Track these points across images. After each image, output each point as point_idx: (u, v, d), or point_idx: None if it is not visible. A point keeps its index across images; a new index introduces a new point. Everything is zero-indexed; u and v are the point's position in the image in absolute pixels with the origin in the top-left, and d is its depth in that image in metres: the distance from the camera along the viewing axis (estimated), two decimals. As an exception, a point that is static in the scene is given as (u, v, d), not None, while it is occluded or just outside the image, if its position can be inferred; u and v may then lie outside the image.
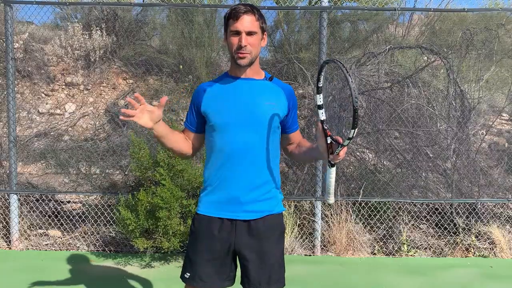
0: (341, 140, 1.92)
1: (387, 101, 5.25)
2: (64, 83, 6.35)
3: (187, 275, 2.19)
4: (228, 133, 2.09)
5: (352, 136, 1.86)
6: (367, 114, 5.23)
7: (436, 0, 13.98)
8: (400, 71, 5.49)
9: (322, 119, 1.99)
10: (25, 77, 6.24)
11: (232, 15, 2.06)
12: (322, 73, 1.97)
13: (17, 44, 6.21)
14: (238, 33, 2.05)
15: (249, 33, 2.05)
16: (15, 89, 4.91)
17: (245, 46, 2.04)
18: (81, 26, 6.49)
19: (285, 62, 5.90)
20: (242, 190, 2.11)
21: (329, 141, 1.95)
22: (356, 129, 1.84)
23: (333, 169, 1.99)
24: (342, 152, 1.92)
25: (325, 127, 1.97)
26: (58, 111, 6.14)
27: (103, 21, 6.46)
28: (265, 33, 2.16)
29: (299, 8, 5.40)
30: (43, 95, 6.28)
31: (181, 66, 5.94)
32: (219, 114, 2.10)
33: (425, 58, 5.65)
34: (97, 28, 6.36)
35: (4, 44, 4.82)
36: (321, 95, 1.98)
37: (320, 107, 1.99)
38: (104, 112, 6.03)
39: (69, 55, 6.41)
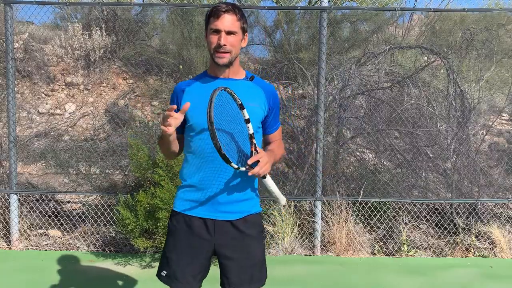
0: (249, 162, 1.94)
1: (387, 101, 5.25)
2: (64, 83, 6.35)
3: (164, 273, 2.16)
4: (206, 133, 2.02)
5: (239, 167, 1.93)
6: (367, 114, 5.23)
7: (436, 0, 13.99)
8: (400, 71, 5.49)
9: (250, 133, 2.01)
10: (25, 77, 6.24)
11: (213, 13, 2.04)
12: (233, 93, 1.97)
13: (17, 44, 6.21)
14: (218, 31, 2.03)
15: (229, 33, 2.03)
16: (15, 89, 4.91)
17: (224, 45, 2.01)
18: (81, 26, 6.49)
19: (285, 62, 5.90)
20: (221, 191, 2.08)
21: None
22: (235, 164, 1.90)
23: (266, 180, 2.02)
24: (255, 170, 1.93)
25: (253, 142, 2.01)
26: (58, 111, 6.14)
27: (103, 21, 6.46)
28: (246, 33, 2.13)
29: (299, 8, 5.39)
30: (43, 95, 6.28)
31: (181, 66, 5.94)
32: (198, 115, 2.06)
33: (425, 58, 5.65)
34: (97, 28, 6.36)
35: (4, 44, 4.82)
36: (245, 110, 1.99)
37: (247, 121, 2.01)
38: (104, 112, 6.03)
39: (69, 55, 6.41)
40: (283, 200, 2.12)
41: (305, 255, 4.82)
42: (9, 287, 3.93)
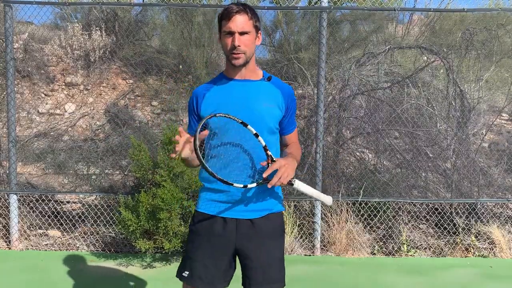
0: (264, 175, 1.96)
1: (387, 101, 5.25)
2: (64, 83, 6.35)
3: (186, 273, 2.17)
4: (227, 136, 2.08)
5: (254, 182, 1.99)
6: (367, 114, 5.23)
7: (436, 0, 13.98)
8: (399, 71, 5.49)
9: (264, 145, 2.04)
10: (25, 77, 6.23)
11: (225, 16, 2.05)
12: (228, 116, 2.01)
13: (17, 44, 6.21)
14: (231, 33, 2.05)
15: (242, 33, 2.05)
16: (15, 89, 4.91)
17: (239, 46, 2.03)
18: (81, 26, 6.48)
19: (285, 62, 5.90)
20: (243, 191, 2.11)
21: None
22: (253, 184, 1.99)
23: (295, 185, 2.03)
24: (273, 181, 1.94)
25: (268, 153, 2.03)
26: (58, 111, 6.14)
27: (103, 21, 6.46)
28: (259, 31, 2.15)
29: (298, 8, 5.40)
30: (43, 95, 6.28)
31: (180, 66, 5.94)
32: (217, 120, 2.08)
33: (425, 58, 5.65)
34: (97, 28, 6.36)
35: (4, 44, 4.82)
36: (249, 126, 2.02)
37: (256, 135, 2.03)
38: (104, 112, 6.03)
39: (69, 55, 6.41)
40: (327, 200, 2.10)
41: (305, 255, 4.83)
42: (9, 287, 3.93)
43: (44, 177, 5.41)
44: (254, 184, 1.98)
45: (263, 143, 2.03)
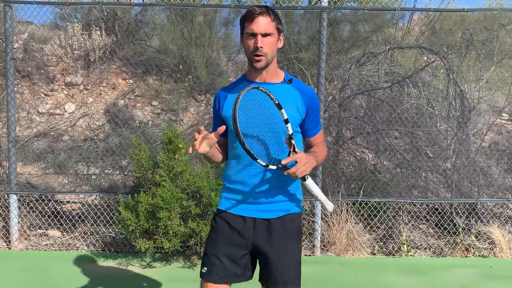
0: (283, 161, 1.96)
1: (387, 101, 5.25)
2: (63, 83, 6.35)
3: (204, 269, 2.21)
4: (247, 138, 2.09)
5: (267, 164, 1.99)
6: (367, 114, 5.23)
7: (436, 0, 13.99)
8: (400, 71, 5.49)
9: (290, 133, 2.04)
10: (25, 77, 6.23)
11: (248, 17, 2.07)
12: (269, 93, 2.00)
13: (16, 44, 6.20)
14: (254, 35, 2.06)
15: (265, 35, 2.05)
16: (15, 89, 4.91)
17: (261, 47, 2.04)
18: (81, 26, 6.48)
19: (285, 62, 5.90)
20: (262, 191, 2.15)
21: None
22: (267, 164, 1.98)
23: (307, 183, 2.04)
24: (291, 170, 1.95)
25: (292, 142, 2.04)
26: (57, 111, 6.14)
27: (103, 21, 6.46)
28: (282, 34, 2.16)
29: (299, 8, 5.39)
30: (42, 95, 6.28)
31: (181, 66, 5.94)
32: (238, 120, 2.12)
33: (425, 58, 5.65)
34: (97, 28, 6.36)
35: (4, 44, 4.81)
36: (283, 110, 2.03)
37: (286, 121, 2.04)
38: (104, 112, 6.03)
39: (69, 55, 6.41)
40: (329, 206, 2.13)
41: (305, 255, 4.82)
42: (9, 287, 3.93)
43: (44, 177, 5.41)
44: (274, 167, 2.00)
45: (290, 131, 2.04)
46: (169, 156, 4.32)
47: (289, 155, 2.02)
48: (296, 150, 2.03)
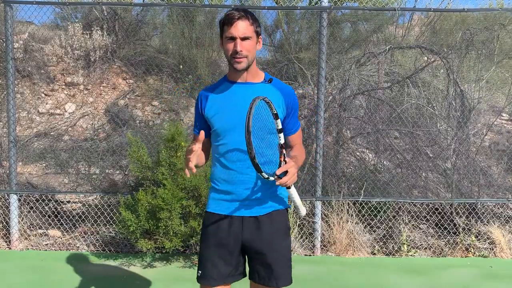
0: (277, 172, 1.99)
1: (387, 101, 5.25)
2: (64, 83, 6.35)
3: (199, 273, 2.25)
4: (230, 137, 2.17)
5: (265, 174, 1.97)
6: (367, 114, 5.23)
7: (436, 0, 13.98)
8: (400, 71, 5.49)
9: (281, 143, 2.06)
10: (25, 77, 6.24)
11: (227, 21, 2.11)
12: (270, 103, 2.01)
13: (17, 44, 6.20)
14: (233, 38, 2.10)
15: (244, 38, 2.10)
16: (15, 89, 4.91)
17: (241, 51, 2.09)
18: (81, 26, 6.48)
19: (285, 62, 5.90)
20: (248, 189, 2.18)
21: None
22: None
23: (291, 189, 2.09)
24: (283, 180, 1.97)
25: (283, 151, 2.06)
26: (58, 111, 6.14)
27: (103, 21, 6.46)
28: (260, 36, 2.21)
29: (299, 8, 5.40)
30: (43, 95, 6.28)
31: (181, 66, 5.94)
32: (220, 120, 2.18)
33: (425, 58, 5.65)
34: (97, 28, 6.36)
35: (4, 44, 4.82)
36: (279, 120, 2.04)
37: (280, 131, 2.06)
38: (104, 112, 6.03)
39: (69, 55, 6.41)
40: (303, 211, 2.21)
41: (305, 255, 4.83)
42: (9, 287, 3.93)
43: (44, 177, 5.42)
44: (272, 178, 2.02)
45: (282, 141, 2.06)
46: (171, 154, 4.32)
47: (280, 164, 2.04)
48: (286, 160, 2.06)
